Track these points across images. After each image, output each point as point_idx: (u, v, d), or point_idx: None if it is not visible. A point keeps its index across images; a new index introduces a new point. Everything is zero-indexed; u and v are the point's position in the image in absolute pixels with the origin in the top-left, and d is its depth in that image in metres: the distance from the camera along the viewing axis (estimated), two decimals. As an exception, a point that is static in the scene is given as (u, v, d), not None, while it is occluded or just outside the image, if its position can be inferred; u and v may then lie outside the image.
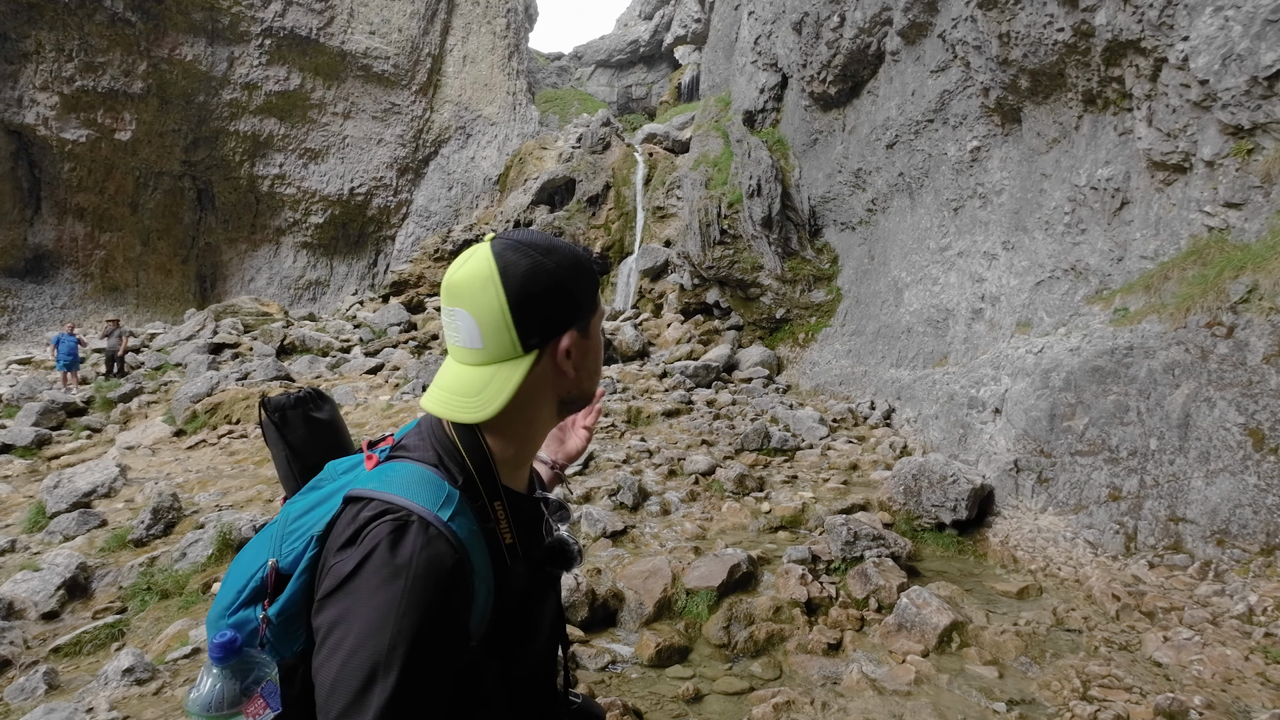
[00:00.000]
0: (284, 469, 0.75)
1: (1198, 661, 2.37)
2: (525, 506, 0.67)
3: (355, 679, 0.49)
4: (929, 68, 6.61)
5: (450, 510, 0.57)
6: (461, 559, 0.55)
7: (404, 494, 0.56)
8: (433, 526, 0.54)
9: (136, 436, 6.40)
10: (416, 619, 0.50)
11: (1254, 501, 2.83)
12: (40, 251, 13.88)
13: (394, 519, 0.54)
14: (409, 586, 0.51)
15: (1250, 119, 3.51)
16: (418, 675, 0.50)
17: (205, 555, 3.37)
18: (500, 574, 0.60)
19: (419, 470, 0.60)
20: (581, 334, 0.63)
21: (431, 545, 0.53)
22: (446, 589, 0.53)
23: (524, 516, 0.65)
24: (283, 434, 0.72)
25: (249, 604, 0.59)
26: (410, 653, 0.50)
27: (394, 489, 0.57)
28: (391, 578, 0.51)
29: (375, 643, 0.50)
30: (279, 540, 0.61)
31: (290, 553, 0.59)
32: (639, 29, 23.72)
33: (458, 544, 0.55)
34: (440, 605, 0.52)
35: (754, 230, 9.11)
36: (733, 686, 2.40)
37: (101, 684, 2.32)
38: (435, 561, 0.53)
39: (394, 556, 0.52)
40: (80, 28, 13.04)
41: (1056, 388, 3.75)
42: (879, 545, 3.24)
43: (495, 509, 0.61)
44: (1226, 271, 3.30)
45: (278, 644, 0.58)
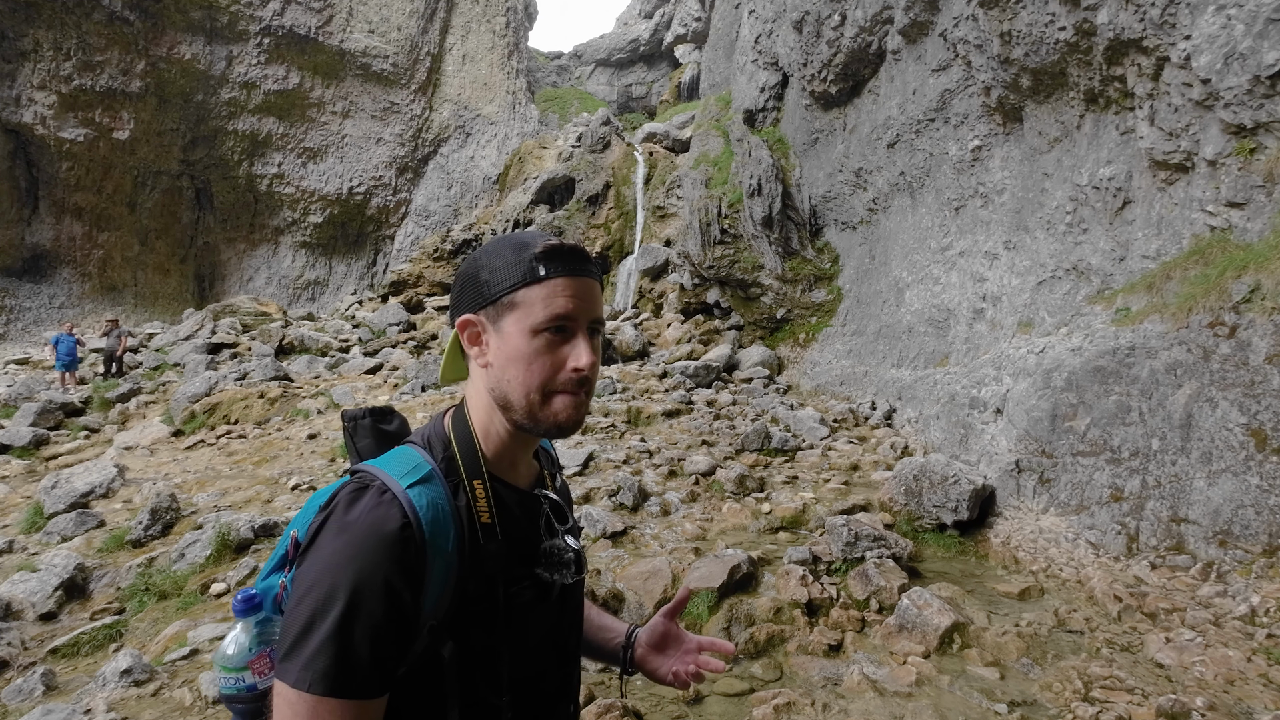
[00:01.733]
0: None
1: (1200, 663, 2.36)
2: (515, 498, 0.67)
3: (298, 624, 0.53)
4: (930, 67, 6.59)
5: (413, 479, 0.60)
6: (408, 524, 0.57)
7: (381, 465, 0.62)
8: (389, 492, 0.58)
9: (134, 437, 6.38)
10: (353, 573, 0.54)
11: (1256, 502, 2.83)
12: (38, 251, 13.85)
13: (357, 483, 0.60)
14: (351, 541, 0.55)
15: (1252, 118, 3.50)
16: (350, 627, 0.53)
17: (204, 556, 3.36)
18: (469, 554, 0.60)
19: (404, 449, 0.65)
20: (491, 322, 0.64)
21: (381, 508, 0.57)
22: (386, 550, 0.55)
23: (511, 506, 0.66)
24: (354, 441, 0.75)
25: (276, 570, 0.65)
26: (346, 605, 0.53)
27: (378, 463, 0.62)
28: (339, 533, 0.56)
29: (317, 592, 0.54)
30: (304, 515, 0.67)
31: (304, 523, 0.64)
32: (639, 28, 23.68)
33: (410, 510, 0.57)
34: (378, 565, 0.54)
35: (754, 230, 9.10)
36: (733, 688, 2.40)
37: (99, 685, 2.31)
38: (379, 522, 0.56)
39: (346, 515, 0.57)
40: (78, 26, 13.00)
41: (1058, 388, 3.74)
42: (880, 546, 3.23)
43: (474, 486, 0.63)
44: (1229, 271, 3.29)
45: None
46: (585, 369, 0.62)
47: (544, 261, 0.63)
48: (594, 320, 0.65)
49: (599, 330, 0.66)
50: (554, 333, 0.62)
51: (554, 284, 0.62)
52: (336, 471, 4.83)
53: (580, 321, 0.63)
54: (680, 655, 0.84)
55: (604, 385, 6.82)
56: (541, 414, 0.63)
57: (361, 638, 0.53)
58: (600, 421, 5.64)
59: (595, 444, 5.10)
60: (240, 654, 0.61)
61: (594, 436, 5.37)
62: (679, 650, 0.84)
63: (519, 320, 0.63)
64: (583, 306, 0.63)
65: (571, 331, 0.63)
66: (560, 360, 0.62)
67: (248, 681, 0.62)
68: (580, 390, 0.63)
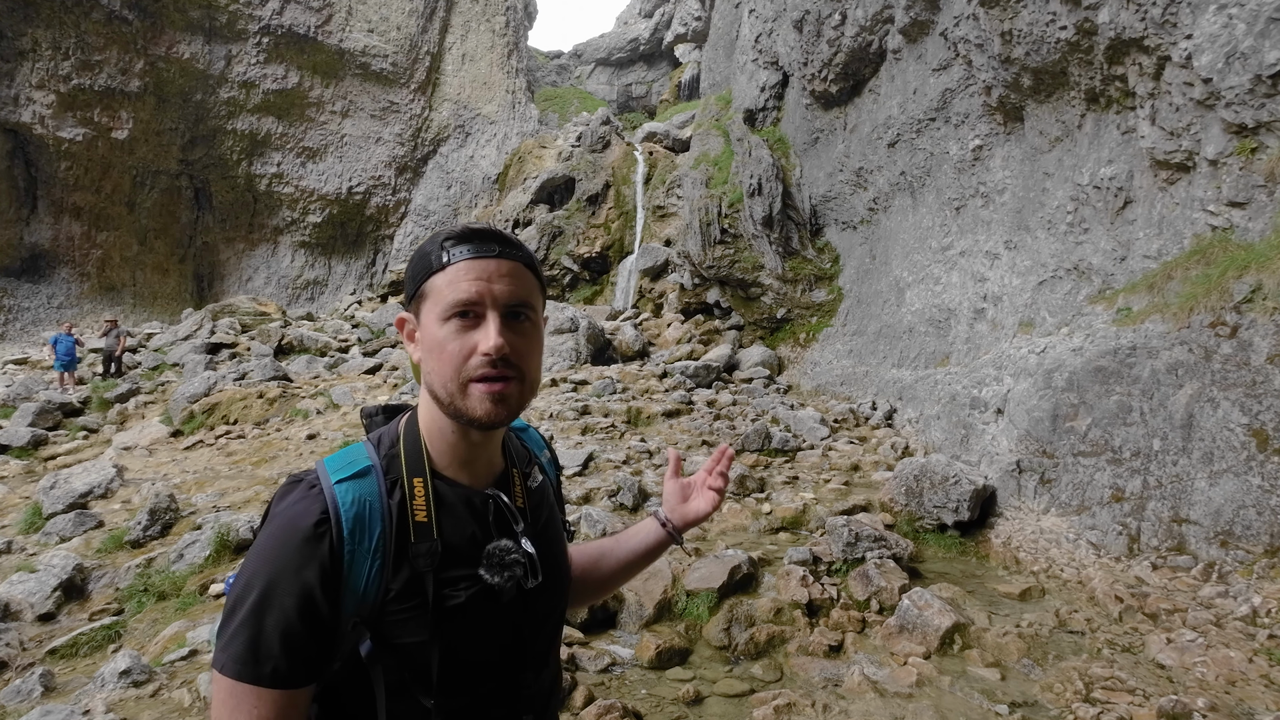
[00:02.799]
0: None
1: (1201, 663, 2.36)
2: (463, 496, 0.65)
3: (226, 610, 0.58)
4: (931, 66, 6.58)
5: (345, 475, 0.61)
6: (325, 520, 0.58)
7: (328, 461, 0.63)
8: (316, 487, 0.60)
9: (133, 437, 6.37)
10: (267, 565, 0.57)
11: (1258, 503, 2.82)
12: (36, 251, 13.82)
13: (290, 479, 0.62)
14: (271, 534, 0.58)
15: (1254, 118, 3.49)
16: (261, 617, 0.55)
17: (203, 556, 3.35)
18: (399, 551, 0.60)
19: (356, 445, 0.67)
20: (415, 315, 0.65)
21: (301, 502, 0.59)
22: (299, 544, 0.57)
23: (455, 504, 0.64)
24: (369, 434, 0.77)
25: None
26: (259, 595, 0.56)
27: (328, 459, 0.64)
28: (265, 525, 0.60)
29: (240, 581, 0.58)
30: None
31: None
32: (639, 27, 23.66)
33: (332, 505, 0.58)
34: (289, 558, 0.56)
35: (755, 229, 9.09)
36: (733, 688, 2.39)
37: (98, 686, 2.30)
38: (296, 517, 0.58)
39: (276, 507, 0.61)
40: (77, 25, 12.97)
41: (1059, 388, 3.74)
42: (880, 546, 3.23)
43: (413, 484, 0.63)
44: (1230, 271, 3.28)
45: None
46: (491, 351, 0.59)
47: (449, 247, 0.62)
48: (513, 303, 0.61)
49: (524, 313, 0.62)
50: (460, 318, 0.60)
51: (457, 268, 0.60)
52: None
53: (487, 304, 0.60)
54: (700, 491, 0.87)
55: (604, 385, 6.81)
56: (462, 405, 0.61)
57: (272, 628, 0.55)
58: (600, 422, 5.63)
59: (595, 444, 5.10)
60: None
61: (594, 437, 5.36)
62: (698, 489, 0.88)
63: (430, 309, 0.62)
64: (489, 289, 0.60)
65: (480, 315, 0.60)
66: (470, 346, 0.60)
67: None
68: (500, 378, 0.60)
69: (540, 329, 0.66)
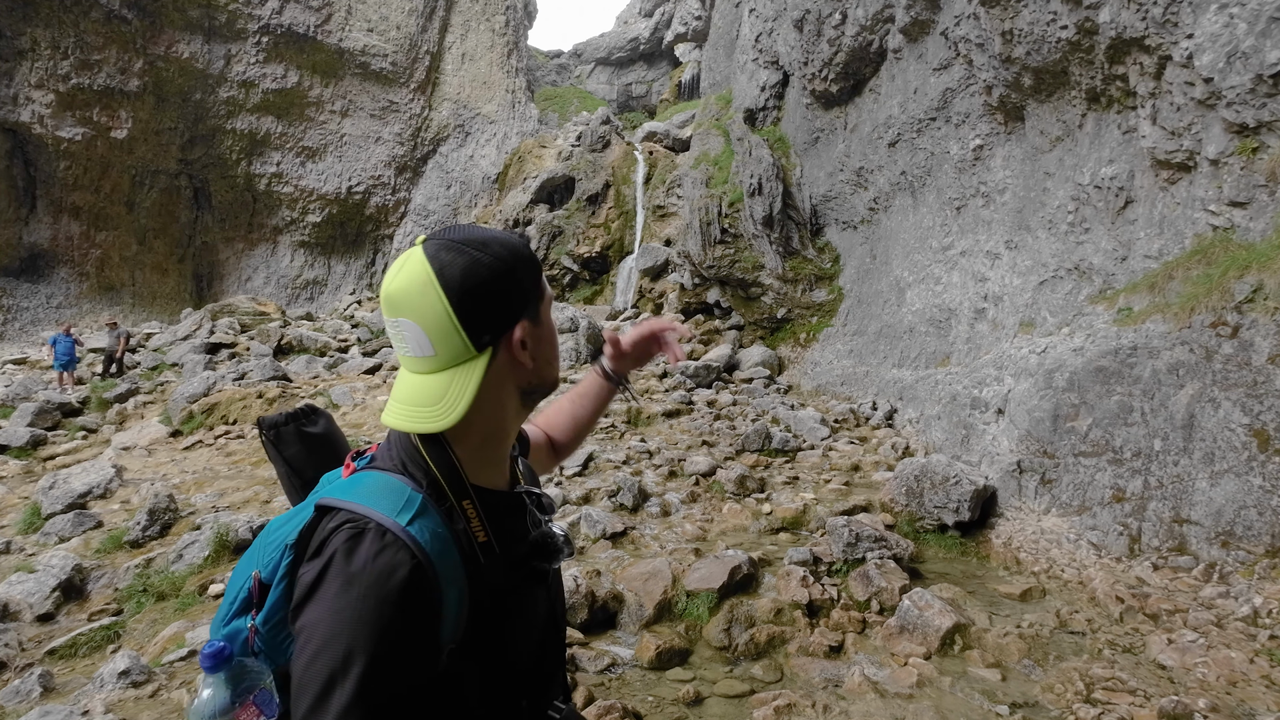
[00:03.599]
0: (286, 484, 0.77)
1: (1202, 664, 2.35)
2: (503, 503, 0.66)
3: (316, 684, 0.51)
4: (931, 65, 6.57)
5: (410, 514, 0.57)
6: (420, 564, 0.54)
7: (365, 502, 0.57)
8: (389, 533, 0.54)
9: (132, 437, 6.36)
10: (370, 628, 0.51)
11: (1259, 503, 2.82)
12: (35, 250, 13.81)
13: (350, 528, 0.55)
14: (362, 594, 0.52)
15: (1255, 117, 3.48)
16: (374, 682, 0.51)
17: (202, 557, 3.34)
18: (474, 574, 0.59)
19: (382, 478, 0.60)
20: (533, 322, 0.63)
21: (386, 553, 0.54)
22: (400, 597, 0.53)
23: (502, 513, 0.65)
24: (279, 450, 0.73)
25: (240, 614, 0.61)
26: (367, 661, 0.50)
27: (358, 497, 0.58)
28: (346, 587, 0.52)
29: (331, 651, 0.51)
30: (260, 551, 0.62)
31: (269, 562, 0.60)
32: (639, 26, 23.64)
33: (417, 549, 0.55)
34: (393, 614, 0.52)
35: (755, 229, 9.08)
36: (733, 689, 2.39)
37: (97, 686, 2.30)
38: (388, 570, 0.53)
39: (348, 565, 0.53)
40: (76, 25, 12.95)
41: (1060, 388, 3.73)
42: (881, 547, 3.22)
43: (465, 508, 0.61)
44: (1231, 271, 3.28)
45: (270, 652, 0.59)
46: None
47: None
48: None
49: None
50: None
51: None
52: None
53: None
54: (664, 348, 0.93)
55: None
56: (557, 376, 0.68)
57: (386, 691, 0.51)
58: (600, 421, 5.62)
59: (595, 444, 5.09)
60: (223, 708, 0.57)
61: (594, 437, 5.36)
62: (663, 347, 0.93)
63: (548, 304, 0.66)
64: None
65: None
66: None
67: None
68: None
69: None
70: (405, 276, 0.58)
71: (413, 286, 0.58)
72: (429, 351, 0.59)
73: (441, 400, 0.58)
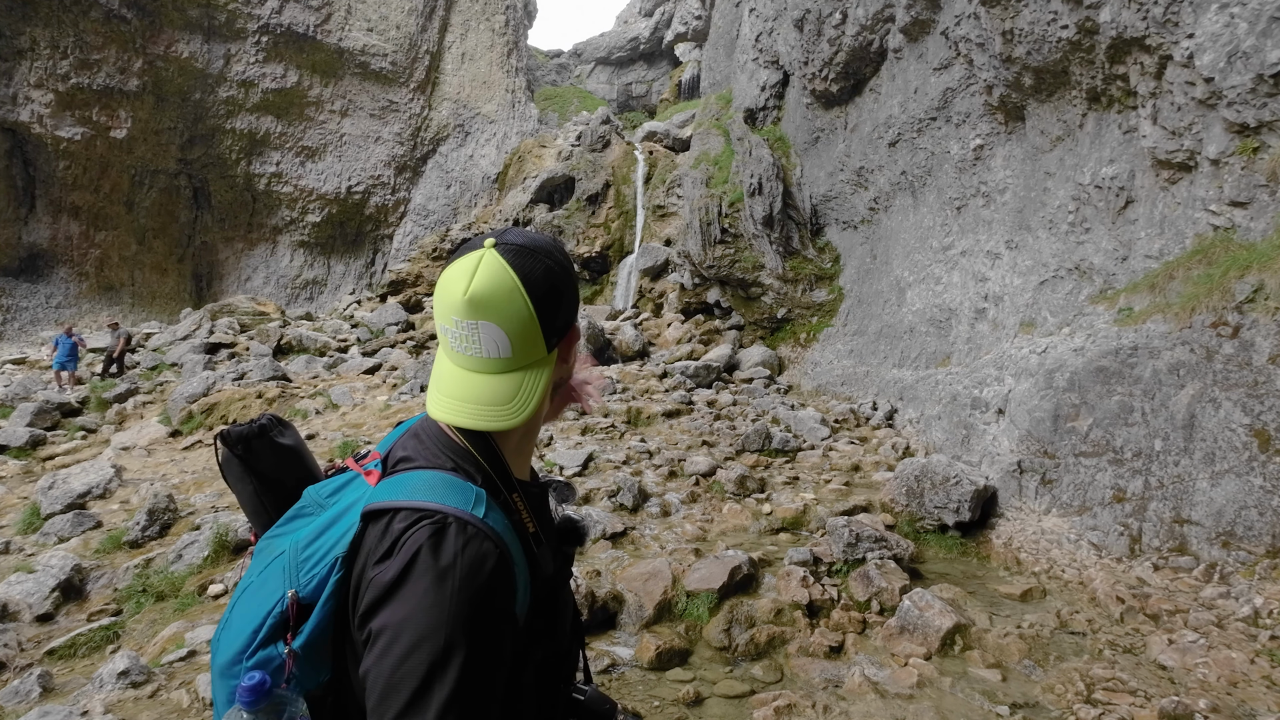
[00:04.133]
0: (253, 503, 0.71)
1: (1203, 664, 2.35)
2: (535, 494, 0.69)
3: (413, 680, 0.50)
4: (932, 65, 6.57)
5: (483, 508, 0.58)
6: (503, 553, 0.56)
7: (433, 499, 0.57)
8: (471, 525, 0.55)
9: (132, 437, 6.36)
10: (469, 618, 0.52)
11: (1259, 503, 2.81)
12: (35, 250, 13.80)
13: (431, 523, 0.55)
14: (457, 587, 0.52)
15: (1256, 117, 3.48)
16: (476, 671, 0.51)
17: (201, 557, 3.34)
18: (532, 562, 0.62)
19: (440, 475, 0.60)
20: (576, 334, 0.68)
21: (472, 544, 0.54)
22: (492, 584, 0.54)
23: (538, 503, 0.68)
24: (249, 465, 0.69)
25: (269, 641, 0.57)
26: (468, 651, 0.51)
27: (420, 496, 0.57)
28: (439, 580, 0.52)
29: (431, 645, 0.50)
30: (293, 570, 0.59)
31: (311, 579, 0.57)
32: (639, 26, 23.62)
33: (497, 539, 0.56)
34: (489, 601, 0.53)
35: (755, 229, 9.07)
36: (733, 689, 2.39)
37: (96, 687, 2.29)
38: (479, 559, 0.54)
39: (438, 559, 0.53)
40: (75, 24, 12.94)
41: (1060, 388, 3.73)
42: (881, 547, 3.22)
43: (515, 501, 0.63)
44: (1232, 271, 3.27)
45: (303, 678, 0.57)
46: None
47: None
48: None
49: None
50: None
51: None
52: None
53: None
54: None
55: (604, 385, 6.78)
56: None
57: (489, 679, 0.52)
58: (600, 422, 5.62)
59: (595, 444, 5.09)
60: None
61: (594, 437, 5.35)
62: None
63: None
64: None
65: None
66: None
67: None
68: None
69: None
70: (491, 282, 0.58)
71: (500, 291, 0.58)
72: (505, 353, 0.60)
73: (513, 399, 0.60)
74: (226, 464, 0.70)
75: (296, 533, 0.62)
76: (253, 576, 0.62)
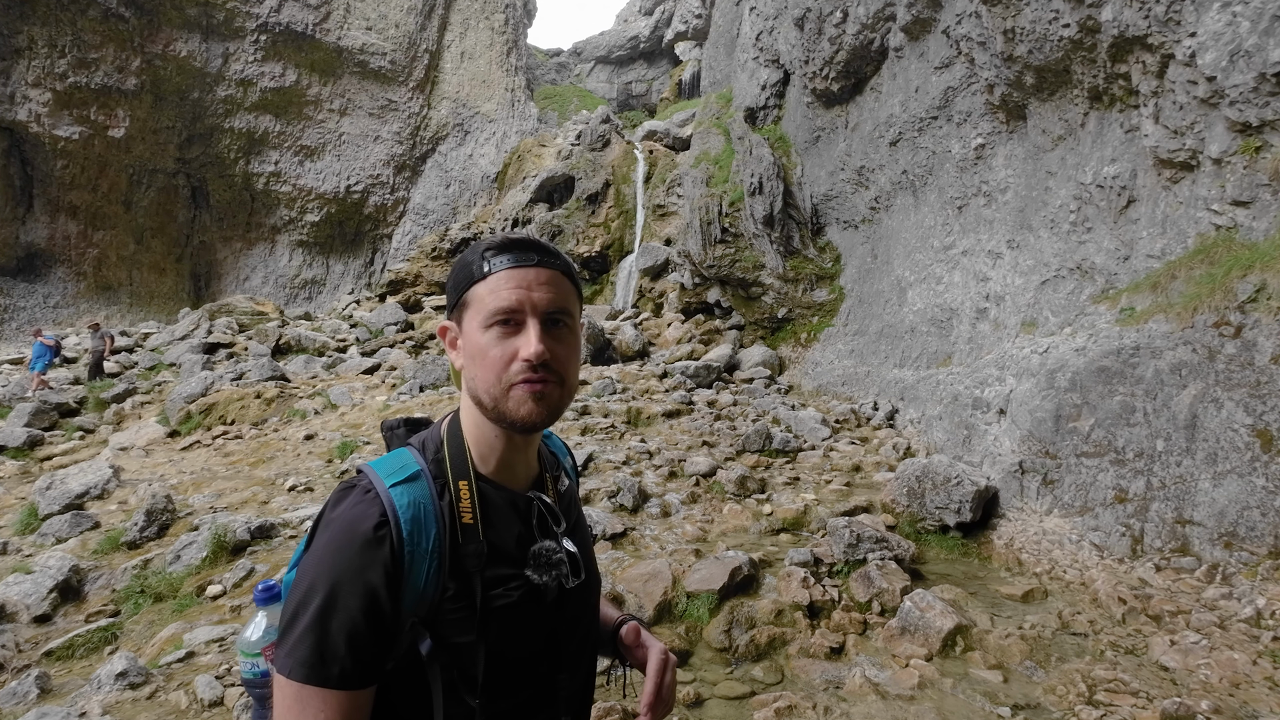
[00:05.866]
0: None
1: (1205, 666, 2.35)
2: (504, 499, 0.68)
3: (287, 614, 0.58)
4: (933, 64, 6.55)
5: (398, 479, 0.62)
6: (384, 522, 0.59)
7: (375, 466, 0.64)
8: (372, 490, 0.61)
9: (130, 437, 6.34)
10: (329, 568, 0.57)
11: (1262, 503, 2.81)
12: (32, 250, 13.77)
13: (344, 484, 0.63)
14: (331, 537, 0.59)
15: (1258, 116, 3.47)
16: (326, 620, 0.56)
17: (199, 558, 3.33)
18: (454, 552, 0.62)
19: (400, 450, 0.67)
20: (458, 324, 0.68)
21: (359, 506, 0.60)
22: (361, 547, 0.58)
23: (500, 505, 0.67)
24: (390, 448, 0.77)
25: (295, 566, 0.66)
26: (324, 598, 0.56)
27: (374, 464, 0.65)
28: (322, 530, 0.61)
29: (301, 585, 0.58)
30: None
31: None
32: (639, 25, 23.58)
33: (390, 508, 0.60)
34: (351, 560, 0.58)
35: (755, 229, 9.06)
36: (734, 690, 2.38)
37: (94, 688, 2.28)
38: (356, 520, 0.59)
39: (331, 512, 0.61)
40: (73, 23, 12.90)
41: (1062, 388, 3.72)
42: (882, 548, 3.21)
43: (459, 487, 0.64)
44: (1234, 271, 3.26)
45: None
46: (532, 358, 0.61)
47: (489, 257, 0.64)
48: (552, 310, 0.64)
49: (562, 320, 0.65)
50: (502, 325, 0.63)
51: (498, 277, 0.63)
52: (334, 472, 4.79)
53: (526, 311, 0.63)
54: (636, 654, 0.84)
55: (604, 385, 6.78)
56: (505, 408, 0.63)
57: (338, 630, 0.56)
58: (600, 422, 5.61)
59: (595, 445, 5.07)
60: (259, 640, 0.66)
61: (594, 437, 5.34)
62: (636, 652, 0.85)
63: (472, 317, 0.65)
64: (528, 296, 0.63)
65: (519, 323, 0.63)
66: (511, 352, 0.62)
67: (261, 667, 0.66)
68: (540, 381, 0.62)
69: (578, 335, 0.68)
70: None
71: None
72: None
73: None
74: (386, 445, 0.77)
75: None
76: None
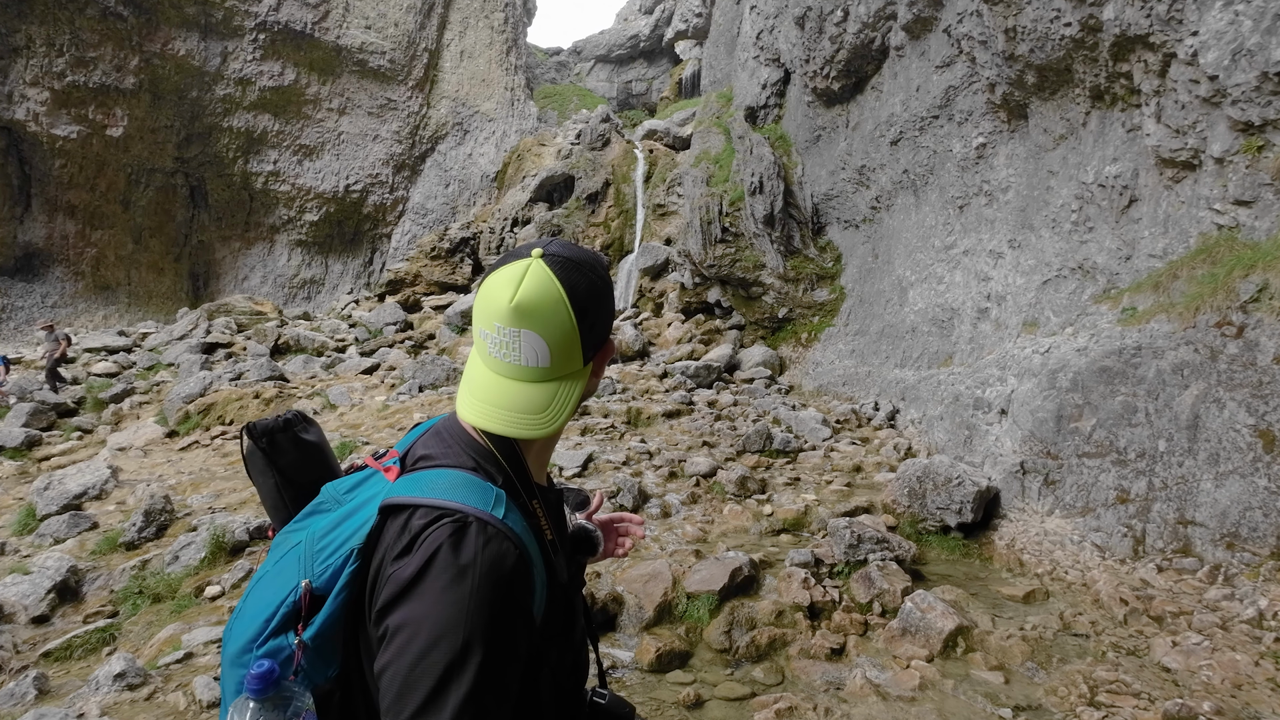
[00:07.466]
0: (273, 497, 0.72)
1: (1207, 667, 2.34)
2: (552, 500, 0.71)
3: (430, 679, 0.50)
4: (934, 63, 6.54)
5: (502, 509, 0.58)
6: (522, 554, 0.57)
7: (452, 497, 0.57)
8: (491, 525, 0.56)
9: (128, 438, 6.33)
10: (487, 617, 0.52)
11: (1264, 504, 2.80)
12: (30, 249, 13.74)
13: (452, 521, 0.55)
14: (476, 585, 0.52)
15: (1260, 115, 3.46)
16: (493, 670, 0.51)
17: (198, 558, 3.32)
18: (549, 567, 0.63)
19: (461, 475, 0.61)
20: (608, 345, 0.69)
21: (492, 543, 0.55)
22: (511, 584, 0.54)
23: (554, 511, 0.70)
24: (272, 460, 0.70)
25: (280, 631, 0.57)
26: (485, 650, 0.51)
27: (439, 494, 0.58)
28: (458, 578, 0.53)
29: (448, 643, 0.50)
30: (308, 560, 0.59)
31: (325, 570, 0.58)
32: (639, 23, 23.54)
33: (516, 540, 0.57)
34: (507, 601, 0.54)
35: (756, 228, 9.05)
36: (734, 692, 2.37)
37: (92, 689, 2.28)
38: (498, 559, 0.54)
39: (458, 557, 0.53)
40: (71, 22, 12.86)
41: (1063, 388, 3.71)
42: (883, 548, 3.21)
43: (534, 507, 0.64)
44: (1236, 270, 3.26)
45: (312, 671, 0.57)
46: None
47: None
48: None
49: None
50: None
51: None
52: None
53: None
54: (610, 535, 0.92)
55: (604, 385, 6.77)
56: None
57: (505, 679, 0.53)
58: (600, 422, 5.60)
59: (595, 445, 5.07)
60: None
61: (593, 437, 5.33)
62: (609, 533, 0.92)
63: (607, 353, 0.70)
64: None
65: None
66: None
67: None
68: None
69: None
70: (538, 292, 0.59)
71: (546, 302, 0.59)
72: (544, 363, 0.61)
73: (547, 409, 0.61)
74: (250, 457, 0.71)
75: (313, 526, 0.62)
76: (268, 567, 0.62)
